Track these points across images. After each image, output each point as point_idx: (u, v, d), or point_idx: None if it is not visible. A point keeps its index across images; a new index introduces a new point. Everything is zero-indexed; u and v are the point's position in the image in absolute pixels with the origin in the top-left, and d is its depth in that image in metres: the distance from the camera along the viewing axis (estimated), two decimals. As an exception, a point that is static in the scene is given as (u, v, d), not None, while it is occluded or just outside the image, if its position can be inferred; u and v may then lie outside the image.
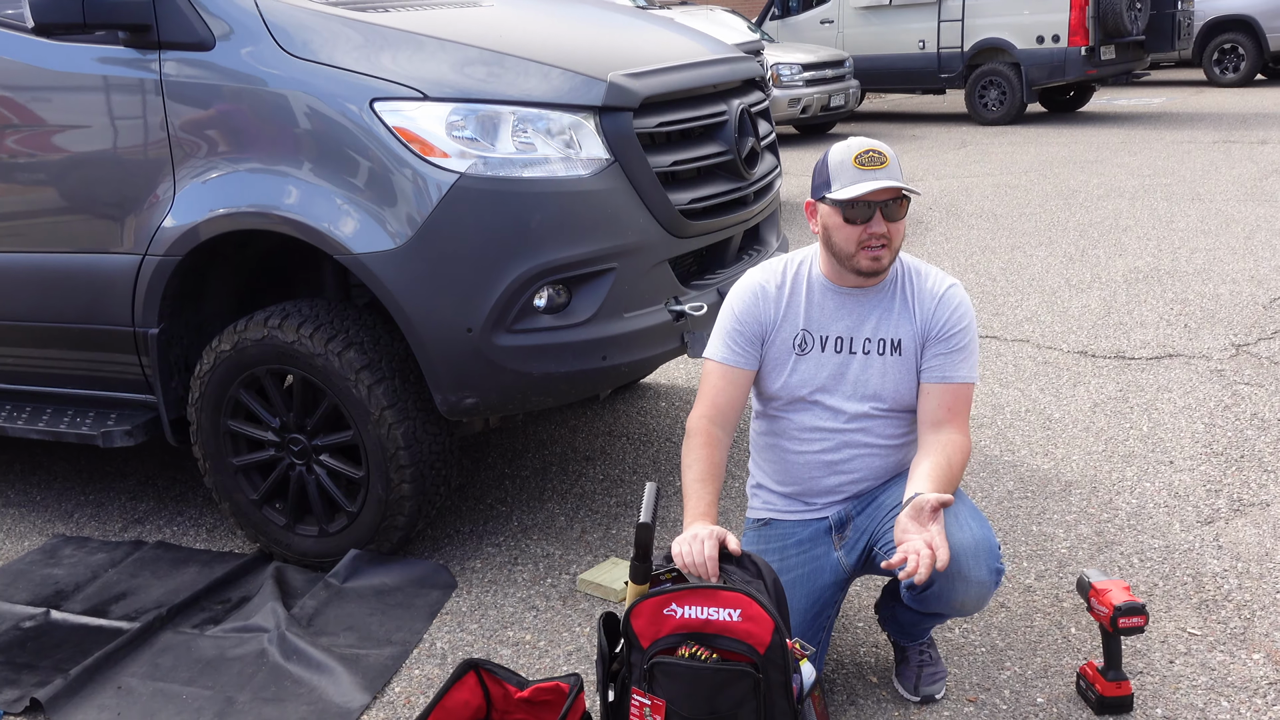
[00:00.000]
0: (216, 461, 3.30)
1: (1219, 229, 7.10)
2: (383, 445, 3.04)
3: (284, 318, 3.08)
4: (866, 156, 2.35)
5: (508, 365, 2.94)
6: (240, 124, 3.02)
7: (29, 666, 2.86)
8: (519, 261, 2.88)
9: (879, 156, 2.35)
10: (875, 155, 2.35)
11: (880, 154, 2.36)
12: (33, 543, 3.65)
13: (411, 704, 2.64)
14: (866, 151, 2.36)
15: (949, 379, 2.45)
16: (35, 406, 3.61)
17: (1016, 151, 11.20)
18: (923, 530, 2.20)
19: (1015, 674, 2.62)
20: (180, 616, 3.07)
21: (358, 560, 3.20)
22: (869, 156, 2.35)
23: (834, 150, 2.41)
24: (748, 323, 2.51)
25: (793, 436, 2.55)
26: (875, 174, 2.34)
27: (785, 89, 12.34)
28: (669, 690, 2.13)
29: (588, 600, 3.07)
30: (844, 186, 2.35)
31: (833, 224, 2.40)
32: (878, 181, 2.33)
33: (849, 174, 2.35)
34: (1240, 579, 2.97)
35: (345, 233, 2.91)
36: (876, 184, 2.33)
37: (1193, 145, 10.79)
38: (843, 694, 2.58)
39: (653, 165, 3.09)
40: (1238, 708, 2.44)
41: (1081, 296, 5.77)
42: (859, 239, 2.38)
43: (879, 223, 2.36)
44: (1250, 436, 3.89)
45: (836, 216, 2.38)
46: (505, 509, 3.68)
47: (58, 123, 3.24)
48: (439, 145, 2.86)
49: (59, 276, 3.33)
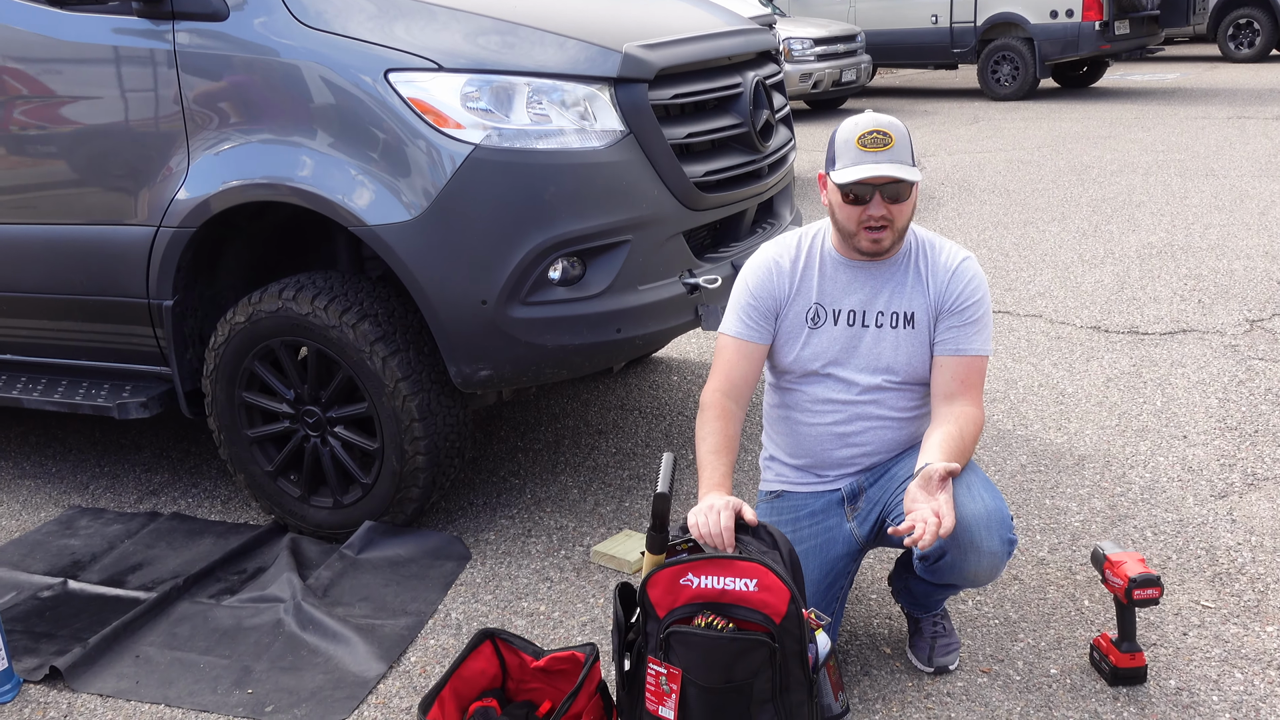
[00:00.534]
0: (231, 433, 3.31)
1: (1233, 205, 7.06)
2: (397, 417, 3.05)
3: (298, 290, 3.08)
4: (870, 137, 2.32)
5: (522, 337, 2.94)
6: (254, 95, 3.02)
7: (48, 635, 2.88)
8: (534, 234, 2.87)
9: (883, 137, 2.32)
10: (880, 136, 2.32)
11: (885, 135, 2.32)
12: (49, 514, 3.68)
13: (427, 673, 2.66)
14: (871, 132, 2.33)
15: (962, 351, 2.44)
16: (51, 378, 3.62)
17: (1029, 127, 11.13)
18: (931, 499, 2.21)
19: (1029, 645, 2.63)
20: (196, 587, 3.09)
21: (372, 532, 3.22)
22: (873, 138, 2.32)
23: (843, 126, 2.39)
24: (762, 297, 2.51)
25: (805, 409, 2.56)
26: (876, 156, 2.31)
27: (796, 64, 12.27)
28: (685, 659, 2.14)
29: (601, 572, 3.08)
30: (844, 167, 2.34)
31: (835, 202, 2.41)
32: (876, 166, 2.31)
33: (851, 154, 2.34)
34: (1254, 552, 2.97)
35: (359, 204, 2.90)
36: (872, 170, 2.31)
37: (1207, 121, 10.72)
38: (857, 665, 2.59)
39: (667, 137, 3.08)
40: (1251, 679, 2.45)
41: (1095, 272, 5.75)
42: (859, 219, 2.37)
43: (878, 205, 2.35)
44: (1264, 411, 3.88)
45: (838, 195, 2.38)
46: (518, 482, 3.70)
47: (72, 94, 3.23)
48: (453, 116, 2.85)
49: (74, 248, 3.33)
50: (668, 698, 2.16)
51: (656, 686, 2.17)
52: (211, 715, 2.54)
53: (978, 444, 2.44)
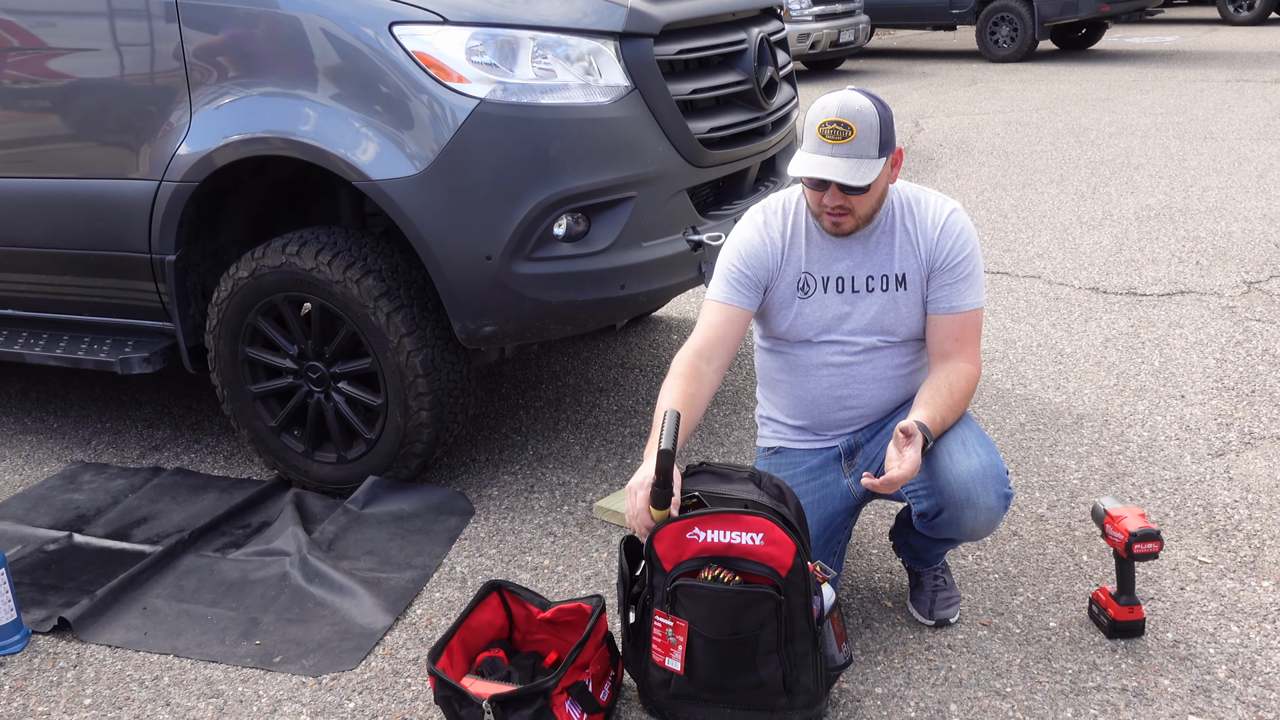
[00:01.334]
0: (235, 389, 3.32)
1: (1231, 167, 7.06)
2: (401, 373, 3.06)
3: (302, 245, 3.08)
4: (830, 128, 2.26)
5: (526, 293, 2.94)
6: (256, 48, 3.00)
7: (54, 588, 2.90)
8: (538, 189, 2.87)
9: (843, 129, 2.25)
10: (839, 128, 2.25)
11: (847, 127, 2.25)
12: (52, 469, 3.69)
13: (433, 625, 2.69)
14: (832, 123, 2.26)
15: (956, 308, 2.44)
16: (53, 333, 3.62)
17: (1027, 89, 11.09)
18: (900, 456, 2.24)
19: (1028, 599, 2.66)
20: (202, 540, 3.11)
21: (376, 487, 3.24)
22: (832, 129, 2.26)
23: (815, 105, 2.33)
24: (751, 265, 2.47)
25: (801, 372, 2.55)
26: (833, 150, 2.26)
27: (795, 24, 12.19)
28: (691, 612, 2.16)
29: (604, 527, 3.10)
30: (802, 153, 2.31)
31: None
32: (825, 163, 2.26)
33: (810, 140, 2.30)
34: (1250, 509, 3.00)
35: (363, 159, 2.89)
36: (819, 170, 2.26)
37: (1205, 84, 10.68)
38: (859, 618, 2.62)
39: (672, 93, 3.07)
40: (1247, 632, 2.48)
41: (1093, 233, 5.75)
42: (819, 203, 2.36)
43: (833, 196, 2.32)
44: (1261, 372, 3.91)
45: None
46: (520, 439, 3.71)
47: (73, 47, 3.21)
48: (458, 70, 2.84)
49: (76, 202, 3.32)
50: (674, 649, 2.19)
51: (663, 638, 2.20)
52: (220, 665, 2.57)
53: (972, 399, 2.45)
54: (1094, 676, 2.36)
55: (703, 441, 3.60)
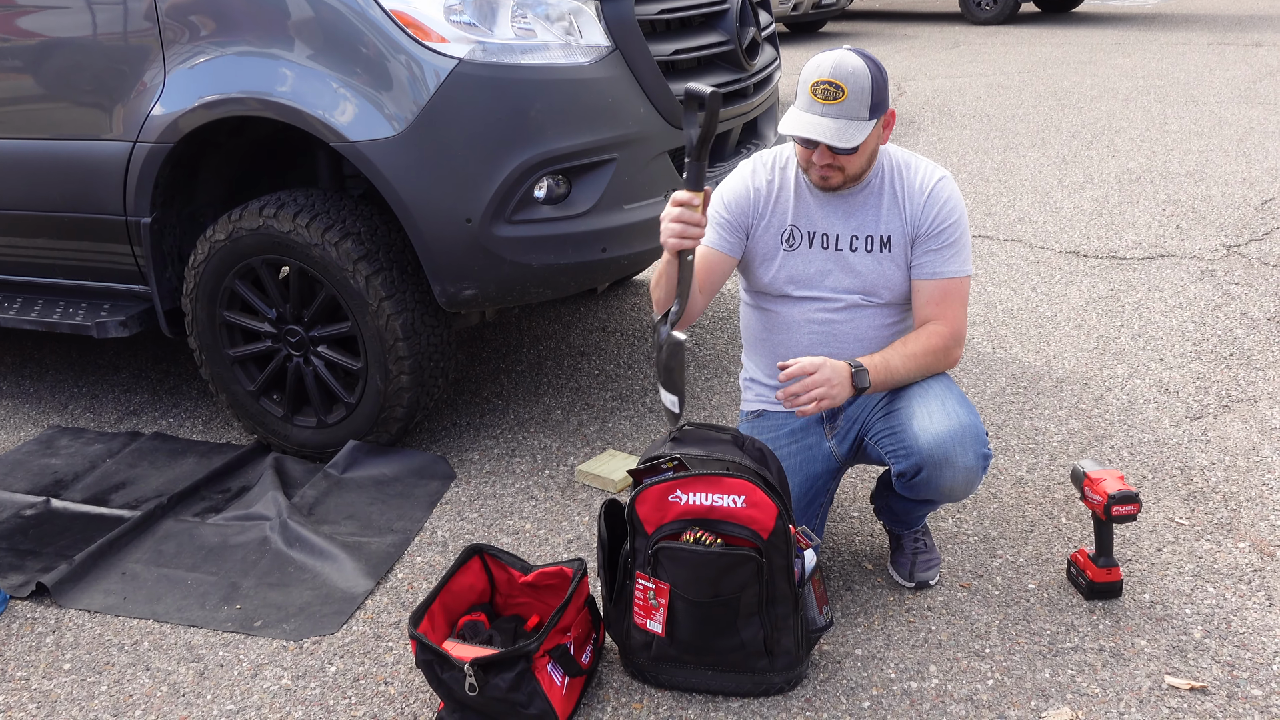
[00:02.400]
0: (213, 353, 3.29)
1: (1212, 131, 7.06)
2: (381, 336, 3.04)
3: (279, 207, 3.04)
4: (821, 88, 2.27)
5: (507, 256, 2.92)
6: (231, 6, 2.94)
7: (32, 553, 2.88)
8: (518, 151, 2.84)
9: (834, 90, 2.26)
10: (830, 88, 2.27)
11: (838, 87, 2.26)
12: (28, 434, 3.66)
13: (414, 589, 2.69)
14: (825, 82, 2.27)
15: (939, 275, 2.44)
16: (27, 297, 3.58)
17: (1009, 52, 11.05)
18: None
19: (1007, 561, 2.68)
20: (181, 505, 3.09)
21: (356, 451, 3.22)
22: (824, 89, 2.27)
23: (810, 64, 2.34)
24: (735, 213, 2.49)
25: (783, 330, 2.56)
26: (824, 109, 2.27)
27: (776, -15, 12.08)
28: (673, 574, 2.17)
29: (586, 491, 3.10)
30: (794, 111, 2.32)
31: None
32: (815, 122, 2.28)
33: (803, 99, 2.31)
34: (1227, 472, 3.02)
35: (341, 120, 2.85)
36: (809, 130, 2.28)
37: (1187, 47, 10.67)
38: (839, 580, 2.64)
39: (654, 54, 3.04)
40: (1223, 593, 2.51)
41: (1074, 197, 5.75)
42: (807, 160, 2.39)
43: (822, 154, 2.34)
44: (1240, 335, 3.93)
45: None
46: (501, 403, 3.70)
47: (43, 5, 3.14)
48: (437, 30, 2.80)
49: (49, 163, 3.27)
50: (656, 611, 2.20)
51: (645, 601, 2.21)
52: (200, 630, 2.56)
53: (947, 357, 2.45)
54: (1072, 637, 2.38)
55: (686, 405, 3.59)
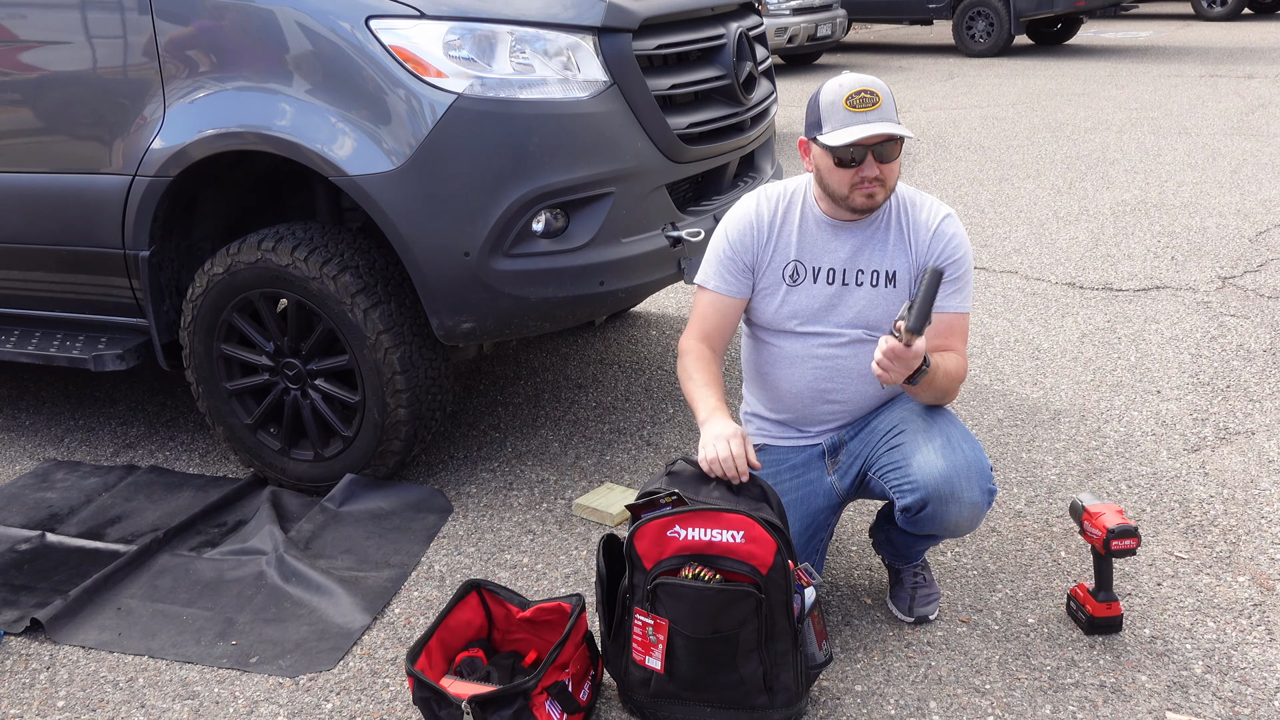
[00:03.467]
0: (210, 386, 3.28)
1: (1206, 162, 7.11)
2: (379, 370, 3.03)
3: (278, 240, 3.05)
4: (858, 98, 2.29)
5: (505, 290, 2.92)
6: (230, 41, 2.96)
7: (27, 588, 2.86)
8: (517, 185, 2.85)
9: (871, 96, 2.29)
10: (867, 95, 2.29)
11: (872, 94, 2.30)
12: (24, 467, 3.64)
13: (412, 624, 2.67)
14: (858, 92, 2.29)
15: (943, 309, 2.44)
16: (24, 330, 3.58)
17: (1004, 84, 11.13)
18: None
19: (1006, 596, 2.67)
20: (177, 539, 3.08)
21: (353, 485, 3.21)
22: (860, 97, 2.29)
23: (825, 89, 2.35)
24: (740, 251, 2.50)
25: (785, 365, 2.56)
26: (866, 116, 2.28)
27: (772, 18, 12.18)
28: (672, 610, 2.16)
29: (583, 525, 3.09)
30: (834, 130, 2.30)
31: (824, 166, 2.37)
32: (868, 126, 2.28)
33: (839, 116, 2.30)
34: (1226, 505, 3.02)
35: (339, 154, 2.86)
36: (866, 130, 2.27)
37: (1180, 79, 10.75)
38: (838, 615, 2.62)
39: (651, 88, 3.05)
40: (1223, 628, 2.50)
41: (1069, 228, 5.78)
42: (850, 182, 2.35)
43: (871, 166, 2.33)
44: (1236, 367, 3.93)
45: (828, 159, 2.35)
46: (499, 436, 3.69)
47: (45, 39, 3.16)
48: (435, 65, 2.82)
49: (49, 197, 3.27)
50: (654, 648, 2.19)
51: (643, 637, 2.20)
52: (196, 666, 2.54)
53: (959, 386, 2.45)
54: (1072, 673, 2.37)
55: (682, 438, 3.59)
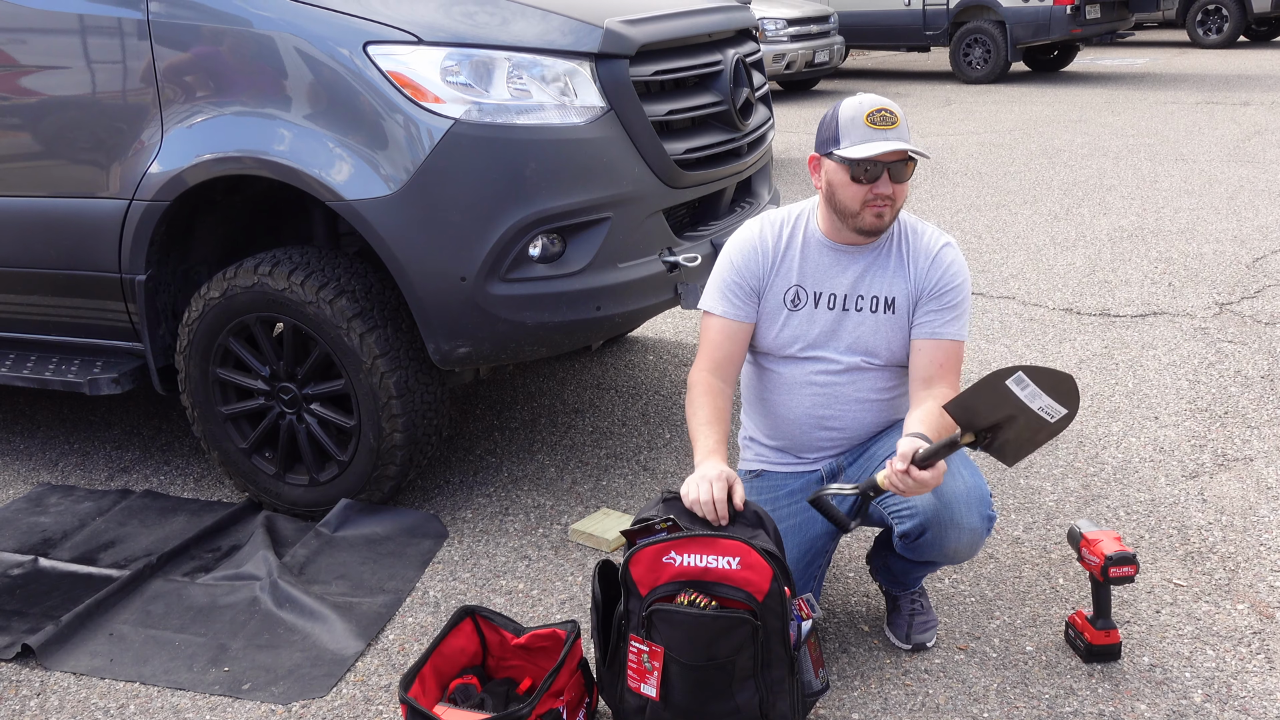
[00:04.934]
0: (205, 410, 3.28)
1: (1202, 189, 7.13)
2: (374, 394, 3.03)
3: (274, 265, 3.05)
4: (879, 115, 2.32)
5: (501, 314, 2.92)
6: (228, 66, 2.97)
7: (19, 614, 2.84)
8: (513, 210, 2.85)
9: (890, 116, 2.32)
10: (887, 114, 2.32)
11: (892, 113, 2.33)
12: (17, 491, 3.63)
13: (406, 651, 2.65)
14: (879, 110, 2.32)
15: (939, 335, 2.45)
16: (19, 353, 3.57)
17: (1000, 110, 11.18)
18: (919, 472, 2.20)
19: (1004, 623, 2.65)
20: (170, 564, 3.06)
21: (348, 509, 3.20)
22: (881, 115, 2.32)
23: (844, 105, 2.37)
24: (745, 275, 2.50)
25: (783, 390, 2.55)
26: (886, 134, 2.31)
27: (770, 44, 12.24)
28: (668, 637, 2.14)
29: (579, 550, 3.08)
30: (854, 145, 2.32)
31: (838, 181, 2.37)
32: (889, 143, 2.30)
33: (859, 132, 2.32)
34: (1225, 532, 3.01)
35: (337, 179, 2.87)
36: (888, 145, 2.29)
37: (1176, 106, 10.80)
38: (835, 642, 2.61)
39: (648, 114, 3.06)
40: (1223, 656, 2.48)
41: (1066, 254, 5.79)
42: (864, 198, 2.36)
43: (885, 184, 2.34)
44: (1234, 393, 3.93)
45: (843, 174, 2.35)
46: (495, 460, 3.68)
47: (43, 64, 3.17)
48: (433, 90, 2.82)
49: (45, 221, 3.28)
50: (650, 675, 2.17)
51: (639, 664, 2.18)
52: (187, 693, 2.52)
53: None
54: (1071, 701, 2.35)
55: (679, 463, 3.58)
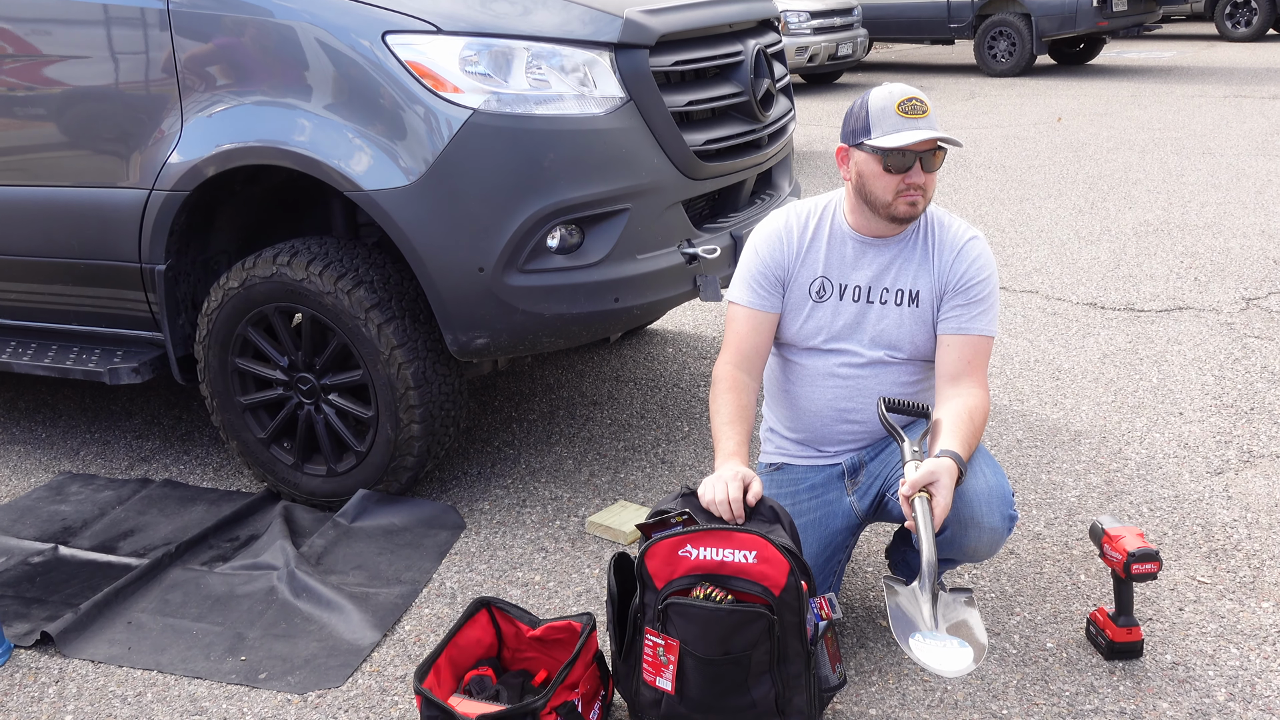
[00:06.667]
0: (224, 400, 3.28)
1: (1229, 183, 7.05)
2: (392, 385, 3.02)
3: (293, 255, 3.05)
4: (910, 105, 2.30)
5: (519, 305, 2.91)
6: (248, 56, 2.97)
7: (38, 601, 2.86)
8: (532, 200, 2.84)
9: (921, 105, 2.31)
10: (918, 104, 2.31)
11: (922, 103, 2.31)
12: (39, 479, 3.65)
13: (421, 642, 2.65)
14: (910, 99, 2.30)
15: (965, 330, 2.42)
16: (41, 343, 3.59)
17: (1025, 104, 11.09)
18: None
19: (1025, 619, 2.62)
20: (189, 554, 3.07)
21: (366, 500, 3.20)
22: (912, 105, 2.30)
23: (874, 95, 2.35)
24: (771, 265, 2.49)
25: (805, 382, 2.54)
26: (918, 123, 2.29)
27: (793, 37, 12.19)
28: (683, 631, 2.13)
29: (596, 543, 3.07)
30: (885, 134, 2.30)
31: (869, 171, 2.35)
32: (921, 132, 2.28)
33: (891, 121, 2.30)
34: (1250, 529, 2.97)
35: (355, 169, 2.86)
36: (921, 134, 2.27)
37: (1203, 100, 10.69)
38: (853, 637, 2.59)
39: (668, 105, 3.04)
40: (1247, 654, 2.45)
41: (1091, 249, 5.73)
42: (896, 188, 2.34)
43: (917, 173, 2.32)
44: (1260, 389, 3.88)
45: (875, 164, 2.33)
46: (513, 452, 3.68)
47: (63, 54, 3.18)
48: (452, 80, 2.81)
49: (65, 211, 3.29)
50: (665, 668, 2.15)
51: (654, 657, 2.17)
52: (204, 682, 2.53)
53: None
54: (1091, 699, 2.33)
55: (697, 456, 3.57)
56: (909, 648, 2.03)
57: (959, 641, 2.04)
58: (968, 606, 2.12)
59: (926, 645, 2.04)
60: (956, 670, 1.98)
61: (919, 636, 2.05)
